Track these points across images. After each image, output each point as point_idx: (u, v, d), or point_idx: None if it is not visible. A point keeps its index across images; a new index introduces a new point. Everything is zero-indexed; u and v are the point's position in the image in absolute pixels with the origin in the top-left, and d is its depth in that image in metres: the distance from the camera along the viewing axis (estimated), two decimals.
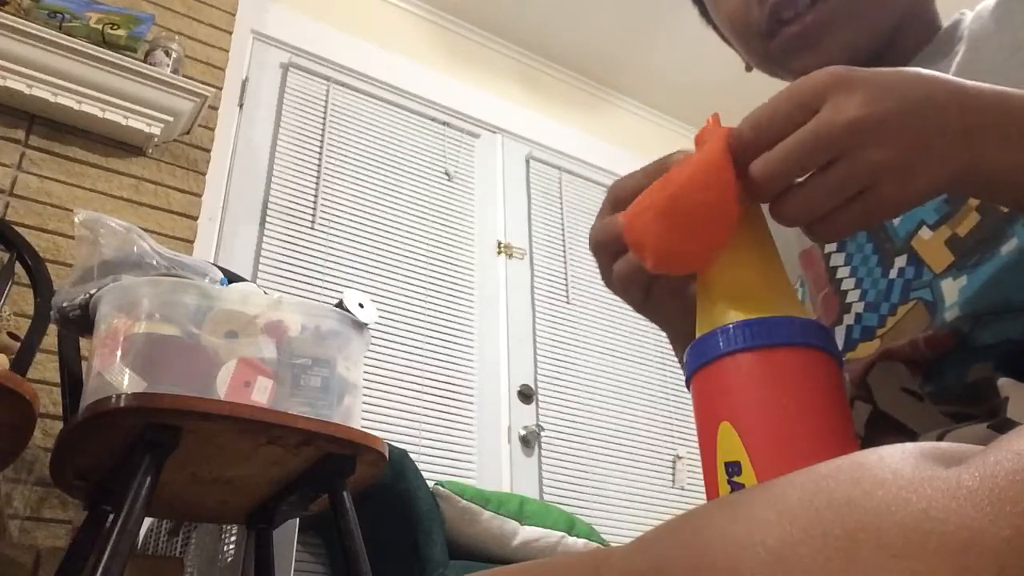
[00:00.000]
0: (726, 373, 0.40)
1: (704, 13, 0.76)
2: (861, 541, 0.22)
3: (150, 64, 2.13)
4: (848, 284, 0.61)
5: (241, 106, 2.59)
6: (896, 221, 0.58)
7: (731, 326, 0.41)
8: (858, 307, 0.60)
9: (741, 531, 0.25)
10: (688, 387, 0.44)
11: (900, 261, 0.57)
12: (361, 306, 1.25)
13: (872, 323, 0.59)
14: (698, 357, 0.42)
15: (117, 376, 1.07)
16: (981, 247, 0.52)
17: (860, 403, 0.57)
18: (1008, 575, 0.19)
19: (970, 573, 0.20)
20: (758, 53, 0.69)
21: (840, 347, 0.58)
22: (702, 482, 0.42)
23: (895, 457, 0.25)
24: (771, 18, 0.65)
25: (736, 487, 0.38)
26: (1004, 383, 0.48)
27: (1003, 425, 0.45)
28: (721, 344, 0.41)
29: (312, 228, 2.55)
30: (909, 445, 0.26)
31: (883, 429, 0.55)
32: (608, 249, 0.50)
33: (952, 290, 0.53)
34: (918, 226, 0.56)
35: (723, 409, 0.40)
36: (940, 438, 0.48)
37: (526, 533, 1.97)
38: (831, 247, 0.64)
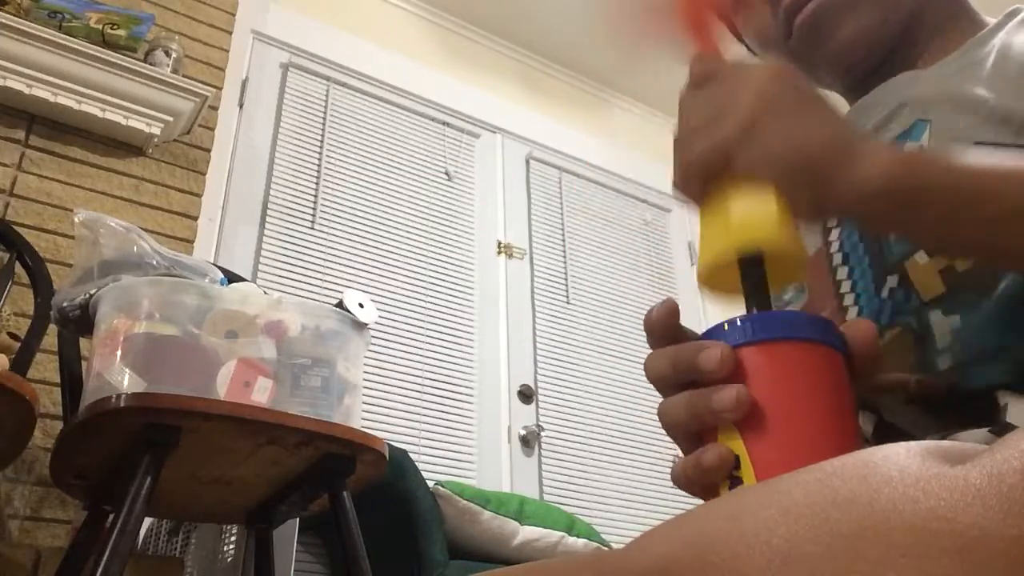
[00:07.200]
0: None
1: (749, 49, 0.77)
2: (868, 540, 0.22)
3: (150, 64, 2.13)
4: (848, 300, 0.60)
5: (241, 106, 2.58)
6: (893, 237, 0.57)
7: (731, 321, 0.40)
8: None
9: (745, 529, 0.25)
10: None
11: (892, 281, 0.56)
12: (361, 306, 1.25)
13: None
14: None
15: (117, 376, 1.07)
16: (977, 286, 0.50)
17: (865, 412, 0.56)
18: (1018, 574, 0.19)
19: (980, 572, 0.20)
20: (785, 60, 0.69)
21: None
22: None
23: (900, 455, 0.25)
24: (786, 21, 0.66)
25: (735, 483, 0.38)
26: (1001, 393, 0.48)
27: (1004, 429, 0.45)
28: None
29: (312, 228, 2.55)
30: (913, 443, 0.25)
31: (890, 440, 0.55)
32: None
33: (944, 329, 0.52)
34: (915, 248, 0.54)
35: None
36: (942, 440, 0.48)
37: (526, 533, 1.97)
38: (837, 260, 0.63)
